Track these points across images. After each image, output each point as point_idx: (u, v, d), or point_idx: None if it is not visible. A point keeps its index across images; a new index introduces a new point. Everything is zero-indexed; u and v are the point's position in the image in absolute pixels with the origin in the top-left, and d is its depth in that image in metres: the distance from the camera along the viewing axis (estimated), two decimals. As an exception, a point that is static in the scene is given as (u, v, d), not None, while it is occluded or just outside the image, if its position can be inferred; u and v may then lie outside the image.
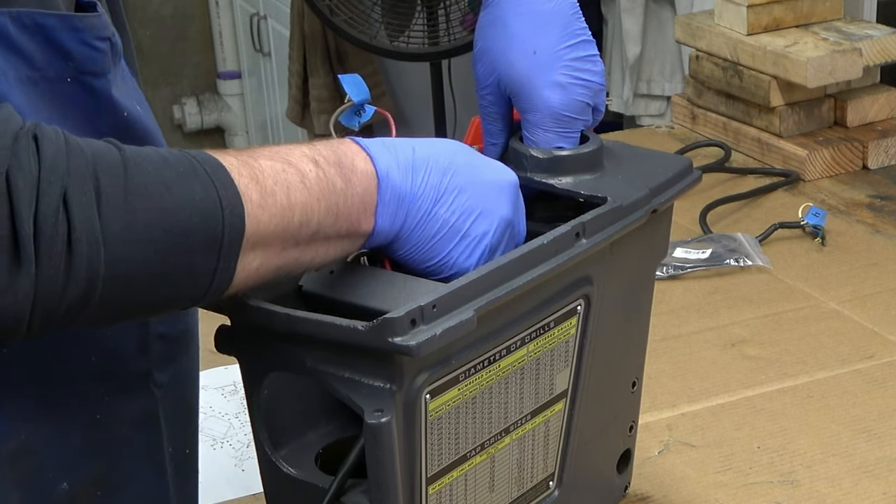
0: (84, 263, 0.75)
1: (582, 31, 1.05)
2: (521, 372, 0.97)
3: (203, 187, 0.79)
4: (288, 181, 0.83)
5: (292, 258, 0.85)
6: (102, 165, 0.76)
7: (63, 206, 0.74)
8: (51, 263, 0.74)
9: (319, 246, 0.87)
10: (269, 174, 0.83)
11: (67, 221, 0.74)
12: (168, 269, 0.78)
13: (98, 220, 0.75)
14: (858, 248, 1.69)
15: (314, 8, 2.82)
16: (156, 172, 0.78)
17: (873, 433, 1.30)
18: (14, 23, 0.83)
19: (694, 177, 1.09)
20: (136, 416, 0.96)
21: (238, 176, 0.81)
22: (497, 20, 1.05)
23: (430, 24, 2.81)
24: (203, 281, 0.80)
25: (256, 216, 0.81)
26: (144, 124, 0.92)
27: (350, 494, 0.94)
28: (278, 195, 0.83)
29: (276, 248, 0.83)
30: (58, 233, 0.74)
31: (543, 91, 1.04)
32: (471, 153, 0.96)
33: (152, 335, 0.96)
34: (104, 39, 0.88)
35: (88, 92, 0.88)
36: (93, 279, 0.75)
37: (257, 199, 0.81)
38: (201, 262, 0.79)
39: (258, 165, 0.83)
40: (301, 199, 0.84)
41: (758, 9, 1.97)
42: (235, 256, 0.81)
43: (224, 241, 0.80)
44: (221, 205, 0.79)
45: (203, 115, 4.79)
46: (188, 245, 0.78)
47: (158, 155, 0.80)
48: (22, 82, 0.84)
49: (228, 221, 0.80)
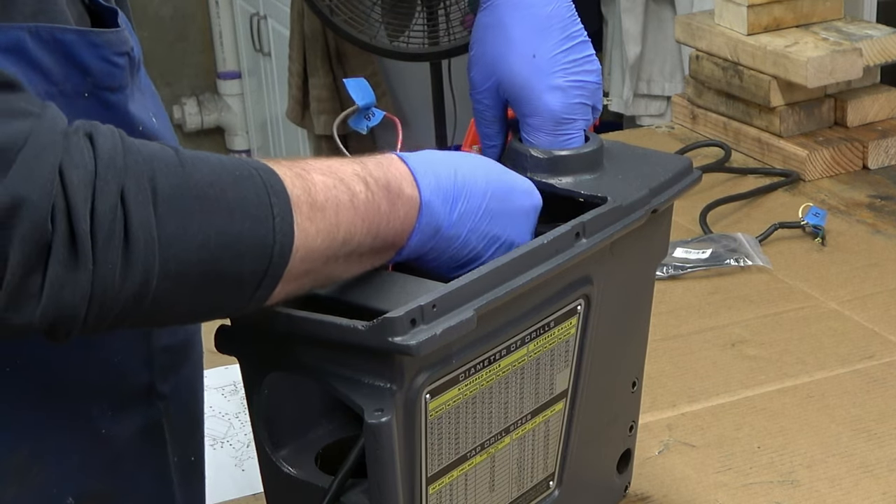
0: (140, 261, 0.75)
1: (579, 33, 1.05)
2: (521, 372, 0.97)
3: (257, 193, 0.79)
4: (338, 199, 0.84)
5: (329, 271, 0.86)
6: (160, 164, 0.76)
7: (121, 203, 0.74)
8: (108, 260, 0.74)
9: (353, 262, 0.87)
10: (321, 189, 0.83)
11: (125, 219, 0.74)
12: (219, 271, 0.78)
13: (154, 219, 0.75)
14: (858, 248, 1.69)
15: (314, 8, 2.82)
16: (211, 174, 0.78)
17: (873, 433, 1.30)
18: (33, 38, 0.83)
19: (694, 177, 1.09)
20: (139, 428, 0.95)
21: (291, 186, 0.81)
22: (496, 23, 1.05)
23: (430, 24, 2.82)
24: (249, 288, 0.80)
25: (305, 229, 0.81)
26: (160, 137, 0.92)
27: (350, 494, 0.94)
28: (328, 211, 0.83)
29: (320, 261, 0.84)
30: (115, 230, 0.74)
31: (543, 95, 1.04)
32: (505, 173, 0.96)
33: (155, 348, 0.96)
34: (122, 55, 0.88)
35: (105, 107, 0.88)
36: (148, 277, 0.75)
37: (307, 212, 0.82)
38: (250, 267, 0.80)
39: (311, 179, 0.83)
40: (348, 218, 0.84)
41: (758, 9, 1.97)
42: (284, 266, 0.81)
43: (275, 248, 0.80)
44: (273, 212, 0.80)
45: (203, 115, 4.79)
46: (240, 249, 0.79)
47: (215, 158, 0.80)
48: (39, 97, 0.84)
49: (279, 230, 0.80)
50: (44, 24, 0.84)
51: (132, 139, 0.77)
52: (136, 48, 0.91)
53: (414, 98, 3.58)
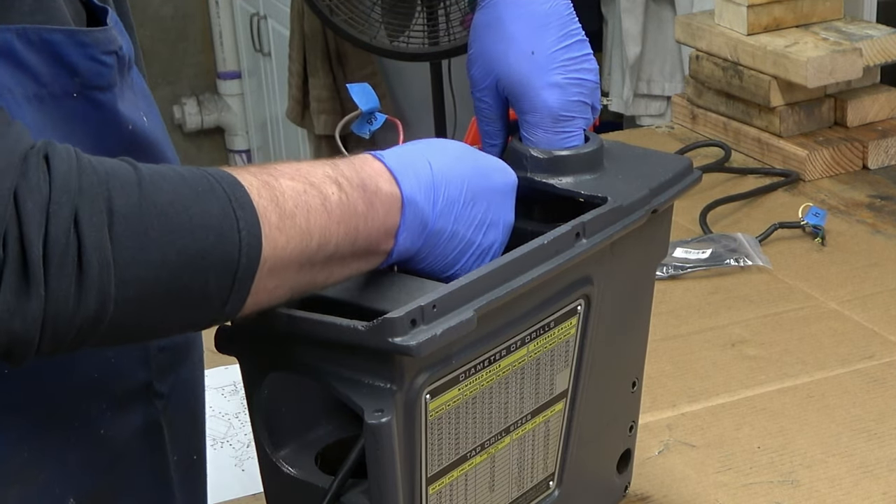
0: (95, 285, 0.74)
1: (577, 31, 1.05)
2: (522, 372, 0.97)
3: (220, 207, 0.78)
4: (308, 204, 0.82)
5: (307, 279, 0.85)
6: (116, 184, 0.75)
7: (74, 226, 0.73)
8: (60, 286, 0.73)
9: (335, 266, 0.86)
10: (290, 196, 0.82)
11: (78, 242, 0.73)
12: (182, 289, 0.77)
13: (109, 241, 0.74)
14: (858, 248, 1.69)
15: (314, 8, 2.82)
16: (172, 191, 0.77)
17: (873, 433, 1.30)
18: (20, 39, 0.83)
19: (694, 177, 1.09)
20: (138, 428, 0.95)
21: (257, 197, 0.80)
22: (495, 21, 1.05)
23: (430, 24, 2.81)
24: (217, 302, 0.79)
25: (274, 238, 0.80)
26: (150, 137, 0.91)
27: (350, 494, 0.94)
28: (298, 218, 0.82)
29: (293, 270, 0.83)
30: (68, 254, 0.73)
31: (542, 92, 1.04)
32: (475, 155, 0.96)
33: (153, 348, 0.96)
34: (110, 53, 0.88)
35: (94, 107, 0.87)
36: (104, 301, 0.74)
37: (276, 221, 0.80)
38: (216, 283, 0.78)
39: (279, 186, 0.82)
40: (321, 223, 0.83)
41: (758, 9, 1.97)
42: (251, 279, 0.80)
43: (240, 262, 0.79)
44: (238, 226, 0.78)
45: (203, 115, 4.79)
46: (203, 266, 0.77)
47: (175, 173, 0.79)
48: (28, 99, 0.83)
49: (245, 242, 0.79)
50: (31, 24, 0.83)
51: (90, 158, 0.76)
52: (126, 47, 0.91)
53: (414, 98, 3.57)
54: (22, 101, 0.83)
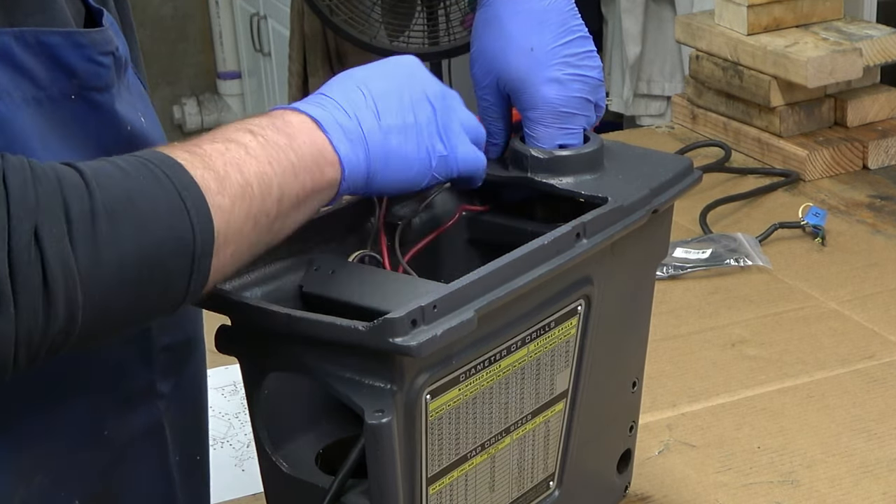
0: (62, 297, 0.73)
1: (578, 28, 1.05)
2: (522, 372, 0.97)
3: (165, 194, 0.78)
4: (234, 158, 0.83)
5: (265, 232, 0.84)
6: (68, 190, 0.75)
7: (35, 240, 0.72)
8: (28, 302, 0.72)
9: (289, 208, 0.86)
10: (217, 157, 0.82)
11: (41, 257, 0.72)
12: (145, 283, 0.77)
13: (71, 251, 0.73)
14: (858, 248, 1.69)
15: (314, 8, 2.82)
16: (117, 188, 0.77)
17: (873, 433, 1.30)
18: (17, 42, 0.83)
19: (694, 177, 1.09)
20: (141, 429, 0.95)
21: (192, 168, 0.80)
22: (493, 19, 1.05)
23: (430, 24, 2.81)
24: (180, 286, 0.79)
25: (219, 205, 0.80)
26: (148, 137, 0.91)
27: (350, 494, 0.94)
28: (232, 176, 0.82)
29: (247, 227, 0.82)
30: (32, 270, 0.72)
31: (541, 87, 1.04)
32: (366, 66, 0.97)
33: (156, 347, 0.95)
34: (107, 54, 0.88)
35: (92, 108, 0.87)
36: (73, 310, 0.74)
37: (215, 187, 0.80)
38: (176, 268, 0.78)
39: (204, 152, 0.82)
40: (254, 170, 0.83)
41: (758, 9, 1.97)
42: (209, 255, 0.80)
43: (196, 243, 0.79)
44: (186, 206, 0.78)
45: (203, 115, 4.79)
46: (161, 256, 0.77)
47: (116, 168, 0.78)
48: (27, 102, 0.83)
49: (196, 221, 0.79)
50: (34, 26, 0.83)
51: (41, 166, 0.75)
52: (122, 47, 0.91)
53: (414, 98, 3.57)
54: (21, 103, 0.83)
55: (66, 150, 0.85)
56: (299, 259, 0.98)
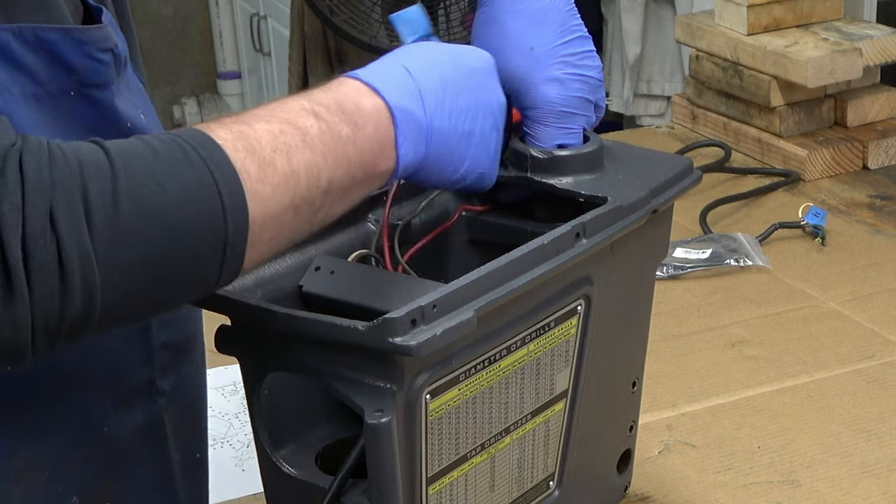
0: (78, 280, 0.72)
1: (578, 28, 1.05)
2: (522, 372, 0.97)
3: (196, 175, 0.76)
4: (288, 144, 0.80)
5: (306, 219, 0.82)
6: (89, 171, 0.74)
7: (50, 224, 0.72)
8: (43, 285, 0.72)
9: (335, 199, 0.84)
10: (267, 140, 0.79)
11: (56, 239, 0.72)
12: (171, 266, 0.76)
13: (88, 233, 0.72)
14: (858, 248, 1.69)
15: (314, 8, 2.82)
16: (144, 169, 0.75)
17: (873, 433, 1.30)
18: (16, 38, 0.83)
19: (694, 177, 1.09)
20: (140, 426, 0.95)
21: (233, 151, 0.78)
22: (493, 19, 1.05)
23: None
24: (212, 270, 0.78)
25: (257, 192, 0.78)
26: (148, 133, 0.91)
27: (350, 494, 0.94)
28: (278, 163, 0.79)
29: (288, 216, 0.80)
30: (48, 254, 0.71)
31: (541, 86, 1.04)
32: (447, 47, 0.94)
33: (154, 344, 0.95)
34: (107, 51, 0.87)
35: (91, 105, 0.87)
36: (90, 293, 0.73)
37: (256, 173, 0.78)
38: (207, 252, 0.77)
39: (253, 133, 0.79)
40: (304, 160, 0.80)
41: (758, 9, 1.97)
42: (243, 240, 0.78)
43: (227, 227, 0.77)
44: (219, 189, 0.76)
45: (203, 115, 4.79)
46: (189, 240, 0.76)
47: (147, 147, 0.77)
48: (26, 98, 0.83)
49: (229, 205, 0.77)
50: (31, 23, 0.83)
51: (61, 148, 0.74)
52: (122, 45, 0.91)
53: (414, 98, 3.57)
54: (20, 100, 0.83)
55: None
56: (299, 259, 0.98)
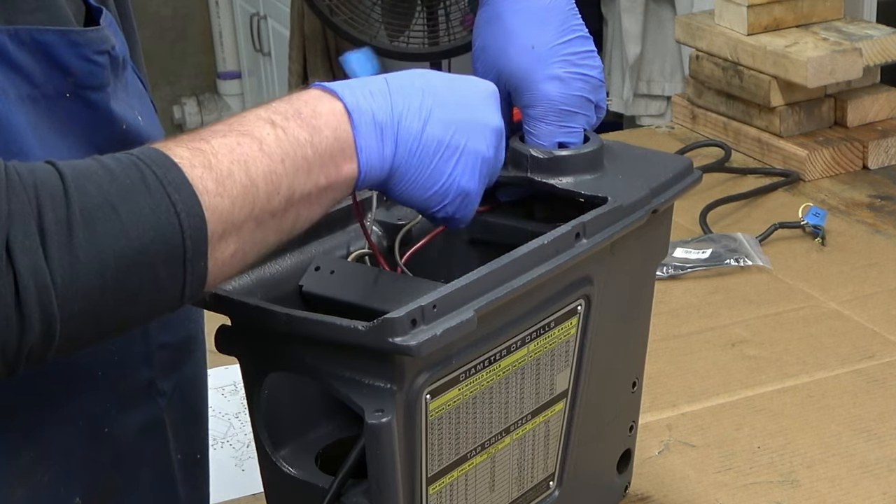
0: (36, 310, 0.72)
1: (579, 27, 1.05)
2: (522, 372, 0.97)
3: (152, 197, 0.76)
4: (245, 155, 0.80)
5: (272, 231, 0.82)
6: (44, 198, 0.73)
7: (7, 254, 0.71)
8: (0, 317, 0.71)
9: (300, 206, 0.83)
10: (224, 154, 0.79)
11: (13, 271, 0.71)
12: (130, 289, 0.76)
13: (45, 262, 0.72)
14: (858, 248, 1.69)
15: (314, 8, 2.82)
16: (99, 193, 0.75)
17: (873, 433, 1.30)
18: (13, 40, 0.83)
19: (694, 177, 1.09)
20: (141, 426, 0.95)
21: (190, 168, 0.77)
22: (495, 17, 1.05)
23: (430, 24, 2.81)
24: (174, 289, 0.78)
25: (216, 207, 0.78)
26: (145, 136, 0.91)
27: (350, 494, 0.94)
28: (236, 175, 0.79)
29: (249, 226, 0.80)
30: (4, 285, 0.71)
31: (542, 85, 1.04)
32: (444, 74, 0.93)
33: (155, 345, 0.95)
34: (103, 53, 0.87)
35: (87, 106, 0.87)
36: (49, 322, 0.73)
37: (213, 188, 0.78)
38: (166, 273, 0.77)
39: (210, 148, 0.79)
40: (263, 170, 0.80)
41: (758, 9, 1.97)
42: (203, 257, 0.78)
43: (186, 246, 0.77)
44: (176, 209, 0.76)
45: (203, 115, 4.79)
46: (147, 261, 0.75)
47: (103, 169, 0.76)
48: (22, 100, 0.83)
49: (187, 224, 0.76)
50: (32, 24, 0.83)
51: (17, 171, 0.73)
52: (120, 46, 0.90)
53: (414, 98, 3.57)
54: (16, 101, 0.83)
55: (61, 148, 0.85)
56: (299, 259, 0.98)
